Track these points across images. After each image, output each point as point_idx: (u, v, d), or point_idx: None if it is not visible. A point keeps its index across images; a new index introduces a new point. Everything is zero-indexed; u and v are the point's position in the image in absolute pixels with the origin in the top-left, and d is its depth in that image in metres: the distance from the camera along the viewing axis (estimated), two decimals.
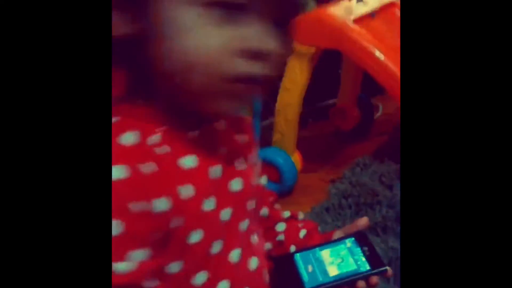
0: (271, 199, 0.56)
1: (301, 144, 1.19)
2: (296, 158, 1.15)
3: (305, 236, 0.53)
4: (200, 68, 0.34)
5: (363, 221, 0.52)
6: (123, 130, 0.35)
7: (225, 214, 0.40)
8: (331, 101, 1.46)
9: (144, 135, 0.36)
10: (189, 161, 0.38)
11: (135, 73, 0.38)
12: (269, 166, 1.15)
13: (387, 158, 1.06)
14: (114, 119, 0.36)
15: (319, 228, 0.55)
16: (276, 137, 1.15)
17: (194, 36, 0.33)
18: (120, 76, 0.38)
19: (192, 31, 0.33)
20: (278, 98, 1.12)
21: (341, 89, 1.35)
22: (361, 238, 0.48)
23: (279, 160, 1.12)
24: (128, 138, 0.35)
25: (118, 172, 0.33)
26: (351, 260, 0.46)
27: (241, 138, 0.44)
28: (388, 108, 1.50)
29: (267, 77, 0.35)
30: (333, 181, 1.12)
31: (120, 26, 0.34)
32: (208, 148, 0.40)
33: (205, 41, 0.34)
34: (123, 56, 0.36)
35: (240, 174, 0.42)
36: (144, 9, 0.35)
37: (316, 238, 0.54)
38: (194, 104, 0.37)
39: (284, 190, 1.13)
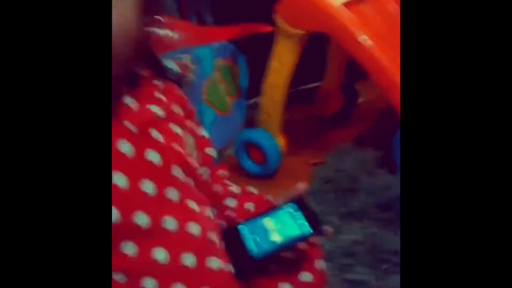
0: (220, 173, 0.58)
1: (283, 127, 1.20)
2: (281, 140, 1.17)
3: (254, 209, 0.55)
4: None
5: (301, 186, 0.55)
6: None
7: (146, 186, 0.42)
8: (313, 85, 1.47)
9: None
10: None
11: None
12: (254, 147, 1.16)
13: (368, 145, 1.08)
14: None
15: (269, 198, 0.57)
16: (261, 117, 1.16)
17: None
18: None
19: None
20: (266, 78, 1.12)
21: (326, 74, 1.36)
22: (300, 203, 0.50)
23: (264, 142, 1.13)
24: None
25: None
26: (293, 224, 0.49)
27: (156, 109, 0.46)
28: (370, 94, 1.53)
29: None
30: (315, 164, 1.15)
31: None
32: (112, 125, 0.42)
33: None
34: None
35: (156, 146, 0.44)
36: None
37: (263, 209, 0.56)
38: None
39: (267, 173, 1.15)
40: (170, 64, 1.41)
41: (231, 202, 0.56)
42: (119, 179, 0.40)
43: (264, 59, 1.31)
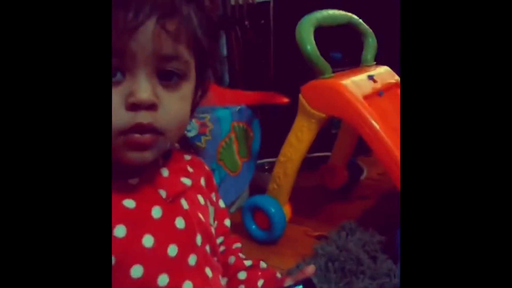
0: (235, 246, 0.62)
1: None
2: (287, 209, 1.22)
3: (263, 285, 0.58)
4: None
5: (310, 269, 0.59)
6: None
7: (171, 249, 0.47)
8: (319, 154, 1.54)
9: None
10: (129, 203, 0.45)
11: None
12: (260, 213, 1.20)
13: (372, 227, 1.13)
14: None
15: (278, 275, 0.60)
16: (272, 186, 1.21)
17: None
18: None
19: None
20: (282, 150, 1.18)
21: (334, 149, 1.43)
22: (308, 285, 0.53)
23: (271, 209, 1.18)
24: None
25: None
26: None
27: (187, 181, 0.51)
28: (371, 172, 1.60)
29: (152, 125, 0.42)
30: (318, 238, 1.19)
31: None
32: (147, 192, 0.47)
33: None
34: None
35: (183, 213, 0.49)
36: None
37: (272, 286, 0.60)
38: (114, 157, 0.42)
39: (271, 239, 1.19)
40: (191, 122, 1.46)
41: (242, 275, 0.59)
42: (147, 240, 0.45)
43: (277, 125, 1.39)
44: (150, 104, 0.41)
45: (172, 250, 0.47)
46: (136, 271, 0.43)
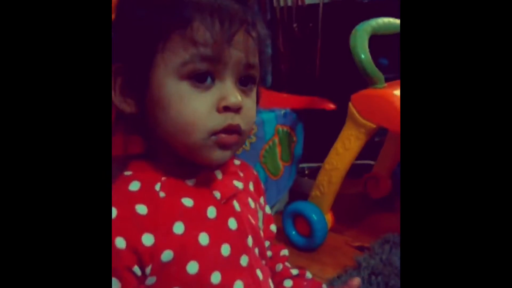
0: (282, 253, 0.64)
1: None
2: (329, 217, 1.20)
3: None
4: (192, 128, 0.44)
5: (356, 282, 0.59)
6: (132, 180, 0.46)
7: (224, 249, 0.48)
8: (361, 161, 1.51)
9: (149, 183, 0.46)
10: (187, 202, 0.47)
11: (145, 138, 0.50)
12: (301, 219, 1.20)
13: None
14: (128, 173, 0.48)
15: (323, 286, 0.61)
16: (314, 193, 1.20)
17: (184, 104, 0.44)
18: (137, 140, 0.50)
19: (183, 100, 0.44)
20: (328, 158, 1.17)
21: (379, 158, 1.41)
22: None
23: (314, 216, 1.17)
24: (134, 186, 0.46)
25: (113, 213, 0.42)
26: None
27: (239, 184, 0.54)
28: None
29: (239, 126, 0.46)
30: (360, 249, 1.17)
31: (129, 105, 0.46)
32: (203, 193, 0.49)
33: (193, 106, 0.44)
34: (135, 126, 0.48)
35: (235, 215, 0.51)
36: (143, 91, 0.45)
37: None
38: (191, 156, 0.47)
39: (310, 246, 1.18)
40: None
41: (288, 283, 0.60)
42: (203, 239, 0.47)
43: (319, 131, 1.37)
44: (238, 107, 0.45)
45: (225, 249, 0.48)
46: (192, 267, 0.45)
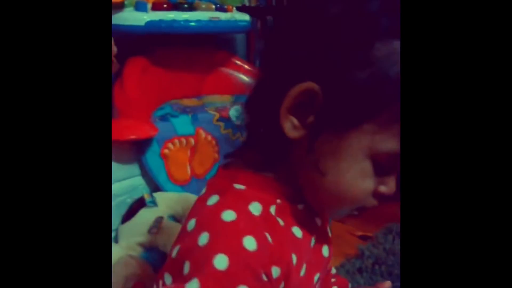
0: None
1: None
2: None
3: None
4: (344, 201, 0.41)
5: (386, 285, 0.58)
6: (250, 199, 0.40)
7: (316, 278, 0.47)
8: None
9: (266, 205, 0.41)
10: (297, 231, 0.43)
11: (283, 168, 0.43)
12: None
13: None
14: (240, 187, 0.41)
15: (349, 286, 0.60)
16: None
17: (359, 181, 0.40)
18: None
19: (358, 175, 0.39)
20: None
21: None
22: None
23: None
24: (255, 209, 0.40)
25: (250, 243, 0.37)
26: None
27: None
28: None
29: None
30: (363, 238, 1.17)
31: (297, 131, 0.39)
32: (309, 220, 0.46)
33: (366, 185, 0.40)
34: (277, 147, 0.42)
35: (328, 241, 0.49)
36: (328, 140, 0.39)
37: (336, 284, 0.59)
38: (324, 209, 0.44)
39: None
40: (238, 110, 1.47)
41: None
42: (303, 270, 0.44)
43: None
44: None
45: (316, 278, 0.47)
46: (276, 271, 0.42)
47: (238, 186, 0.41)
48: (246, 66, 1.52)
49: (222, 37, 1.66)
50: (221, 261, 0.36)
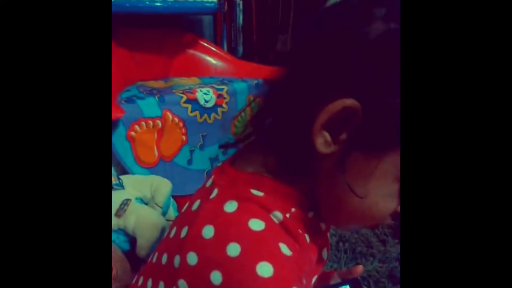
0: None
1: None
2: None
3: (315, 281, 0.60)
4: (368, 219, 0.41)
5: (359, 269, 0.60)
6: (271, 208, 0.39)
7: (314, 280, 0.47)
8: None
9: (284, 214, 0.40)
10: (307, 238, 0.43)
11: (308, 176, 0.41)
12: None
13: None
14: (259, 193, 0.40)
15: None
16: None
17: (378, 199, 0.39)
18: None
19: (379, 195, 0.39)
20: None
21: None
22: (355, 286, 0.54)
23: None
24: (275, 216, 0.39)
25: (285, 249, 0.37)
26: None
27: None
28: None
29: None
30: None
31: (328, 147, 0.38)
32: (316, 227, 0.45)
33: (386, 205, 0.40)
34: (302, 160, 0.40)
35: (327, 245, 0.49)
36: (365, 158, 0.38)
37: (318, 277, 0.61)
38: (342, 225, 0.46)
39: None
40: (209, 92, 1.46)
41: None
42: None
43: None
44: None
45: (314, 280, 0.48)
46: None
47: (255, 192, 0.40)
48: (213, 48, 1.51)
49: (188, 18, 1.64)
50: (265, 269, 0.35)
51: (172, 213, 1.00)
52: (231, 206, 0.38)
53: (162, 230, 0.89)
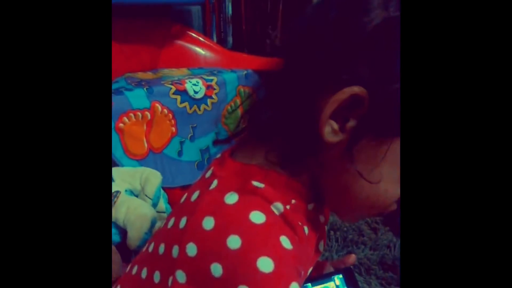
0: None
1: None
2: None
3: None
4: (376, 206, 0.41)
5: (351, 259, 0.60)
6: (272, 199, 0.38)
7: (309, 271, 0.47)
8: None
9: (284, 205, 0.39)
10: (306, 230, 0.42)
11: (313, 167, 0.41)
12: None
13: None
14: (260, 185, 0.39)
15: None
16: None
17: (387, 185, 0.39)
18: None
19: (388, 181, 0.39)
20: None
21: None
22: (348, 276, 0.54)
23: None
24: (277, 208, 0.38)
25: (286, 242, 0.37)
26: None
27: None
28: None
29: None
30: None
31: (336, 136, 0.38)
32: (316, 219, 0.45)
33: (394, 190, 0.40)
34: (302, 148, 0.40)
35: (324, 237, 0.50)
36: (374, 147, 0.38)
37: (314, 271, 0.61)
38: (349, 214, 0.45)
39: None
40: (198, 83, 1.45)
41: None
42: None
43: None
44: None
45: (309, 271, 0.48)
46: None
47: (256, 184, 0.39)
48: (202, 39, 1.50)
49: (177, 9, 1.62)
50: (265, 264, 0.35)
51: (162, 204, 1.00)
52: (231, 198, 0.38)
53: (153, 221, 0.89)
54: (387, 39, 0.36)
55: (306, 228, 0.42)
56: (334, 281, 0.53)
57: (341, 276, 0.53)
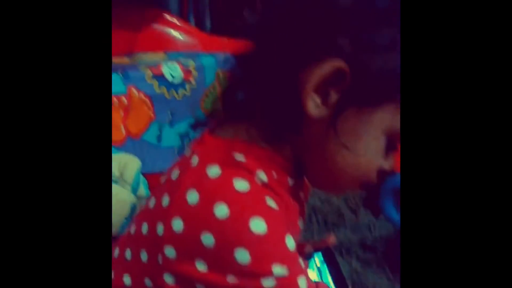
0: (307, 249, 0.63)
1: None
2: None
3: None
4: (361, 176, 0.41)
5: (331, 239, 0.61)
6: (254, 169, 0.39)
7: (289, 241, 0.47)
8: None
9: (267, 175, 0.40)
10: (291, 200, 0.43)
11: (296, 142, 0.41)
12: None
13: None
14: (241, 158, 0.39)
15: None
16: None
17: (369, 156, 0.40)
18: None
19: (370, 152, 0.40)
20: None
21: None
22: (328, 256, 0.55)
23: None
24: (262, 177, 0.39)
25: (272, 203, 0.37)
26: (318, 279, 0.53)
27: None
28: None
29: None
30: None
31: (318, 109, 0.38)
32: (296, 195, 0.45)
33: (376, 161, 0.41)
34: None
35: (304, 215, 0.49)
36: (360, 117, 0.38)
37: None
38: (334, 187, 0.45)
39: None
40: (175, 67, 1.43)
41: None
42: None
43: None
44: None
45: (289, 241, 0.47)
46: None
47: (238, 157, 0.39)
48: (179, 23, 1.47)
49: None
50: (258, 225, 0.35)
51: (143, 190, 0.99)
52: (214, 171, 0.38)
53: (132, 207, 0.87)
54: (365, 9, 0.36)
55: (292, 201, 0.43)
56: (315, 261, 0.54)
57: (320, 254, 0.54)
